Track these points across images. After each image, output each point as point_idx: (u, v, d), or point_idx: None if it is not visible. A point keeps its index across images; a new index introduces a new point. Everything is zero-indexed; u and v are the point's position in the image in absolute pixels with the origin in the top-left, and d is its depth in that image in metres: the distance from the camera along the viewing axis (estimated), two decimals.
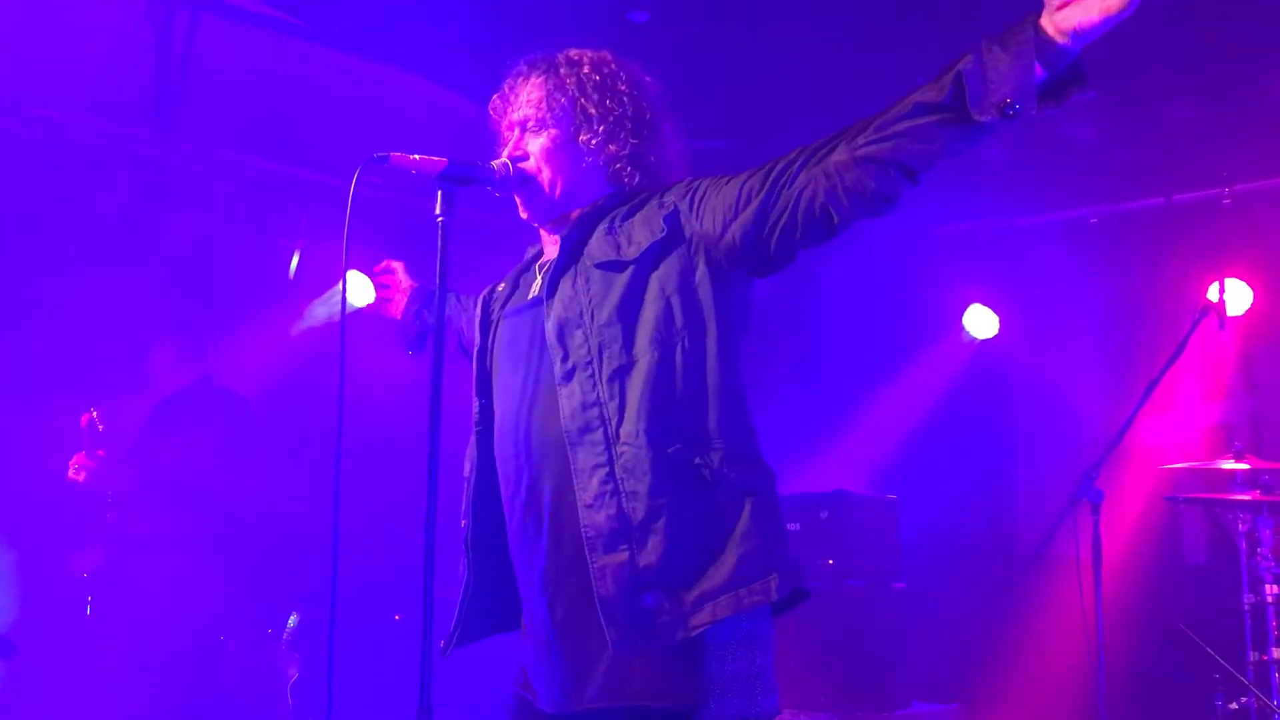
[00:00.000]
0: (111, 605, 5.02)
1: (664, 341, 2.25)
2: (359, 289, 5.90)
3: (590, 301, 2.28)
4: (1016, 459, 6.76)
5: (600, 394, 2.24)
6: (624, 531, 2.19)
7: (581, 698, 2.24)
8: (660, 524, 2.18)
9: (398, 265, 3.20)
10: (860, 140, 2.18)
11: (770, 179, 2.23)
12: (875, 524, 5.66)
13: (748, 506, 2.24)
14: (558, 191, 2.43)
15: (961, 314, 6.79)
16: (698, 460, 2.22)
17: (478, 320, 2.54)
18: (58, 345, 5.62)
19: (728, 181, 2.29)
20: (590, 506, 2.22)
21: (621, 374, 2.23)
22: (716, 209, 2.27)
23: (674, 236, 2.29)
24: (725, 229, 2.25)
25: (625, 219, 2.36)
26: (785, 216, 2.21)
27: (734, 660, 2.21)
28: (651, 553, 2.18)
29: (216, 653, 5.13)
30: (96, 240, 5.59)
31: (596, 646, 2.22)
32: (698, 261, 2.29)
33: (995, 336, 6.77)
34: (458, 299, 3.00)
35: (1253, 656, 4.71)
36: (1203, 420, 6.05)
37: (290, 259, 6.16)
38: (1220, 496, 4.88)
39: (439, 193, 2.30)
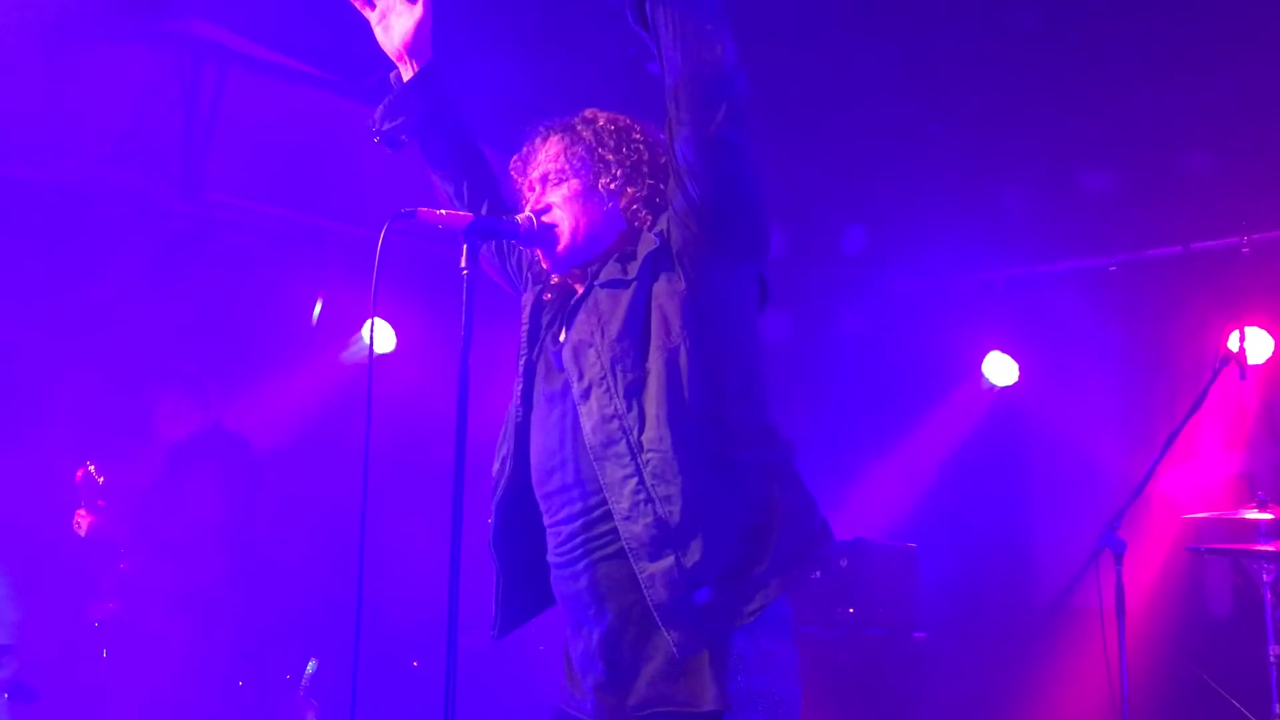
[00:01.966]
0: (128, 654, 5.03)
1: (668, 347, 2.33)
2: (383, 335, 5.94)
3: (600, 320, 2.39)
4: (1036, 507, 6.72)
5: (618, 407, 2.31)
6: (664, 537, 2.26)
7: (624, 709, 2.33)
8: (699, 522, 2.26)
9: None
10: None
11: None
12: (895, 573, 5.63)
13: (774, 485, 2.35)
14: (580, 239, 2.49)
15: (980, 362, 6.79)
16: (720, 451, 2.31)
17: (526, 325, 2.62)
18: (74, 395, 5.66)
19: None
20: (628, 518, 2.29)
21: (637, 385, 2.31)
22: (675, 185, 2.37)
23: (663, 247, 2.40)
24: (683, 195, 2.34)
25: (631, 248, 2.47)
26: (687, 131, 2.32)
27: (757, 676, 2.27)
28: (695, 551, 2.25)
29: (234, 699, 5.12)
30: (123, 291, 5.65)
31: (644, 658, 2.31)
32: (685, 266, 2.37)
33: (1015, 384, 6.76)
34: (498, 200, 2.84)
35: (1278, 710, 4.65)
36: (1225, 470, 6.01)
37: (314, 307, 6.23)
38: (1244, 547, 4.84)
39: (464, 246, 2.35)
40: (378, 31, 2.83)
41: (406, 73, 2.80)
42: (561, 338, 2.50)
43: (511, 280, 2.84)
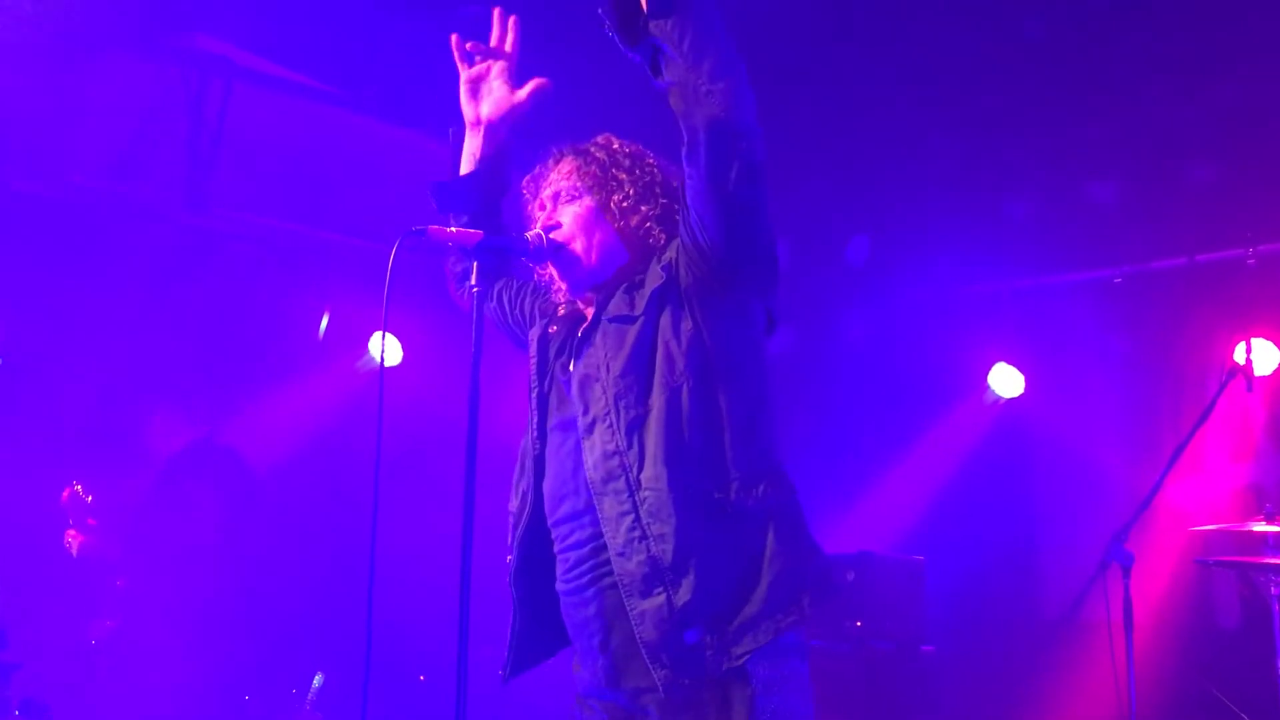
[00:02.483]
0: (127, 672, 5.02)
1: (670, 385, 2.32)
2: (390, 349, 5.94)
3: (606, 355, 2.38)
4: (1043, 519, 6.70)
5: (619, 443, 2.31)
6: (657, 575, 2.26)
7: None
8: (691, 562, 2.25)
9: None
10: None
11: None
12: (901, 586, 5.61)
13: (771, 529, 2.32)
14: (593, 258, 2.48)
15: (986, 374, 6.78)
16: (717, 494, 2.30)
17: (534, 359, 2.60)
18: (83, 411, 5.66)
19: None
20: (621, 554, 2.29)
21: (638, 422, 2.31)
22: (685, 230, 2.37)
23: (671, 282, 2.38)
24: (692, 239, 2.35)
25: (641, 275, 2.45)
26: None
27: (773, 696, 2.27)
28: (686, 591, 2.25)
29: (240, 714, 5.11)
30: (129, 305, 5.66)
31: (646, 687, 2.30)
32: (693, 304, 2.37)
33: (1021, 396, 6.75)
34: (508, 285, 2.87)
35: None
36: (1232, 482, 5.99)
37: (320, 321, 6.23)
38: (1252, 560, 4.82)
39: (474, 264, 2.35)
40: (464, 90, 2.78)
41: (473, 141, 2.75)
42: (571, 368, 2.49)
43: (514, 332, 2.81)
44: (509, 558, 2.53)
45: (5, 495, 5.27)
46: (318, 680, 5.15)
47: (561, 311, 2.61)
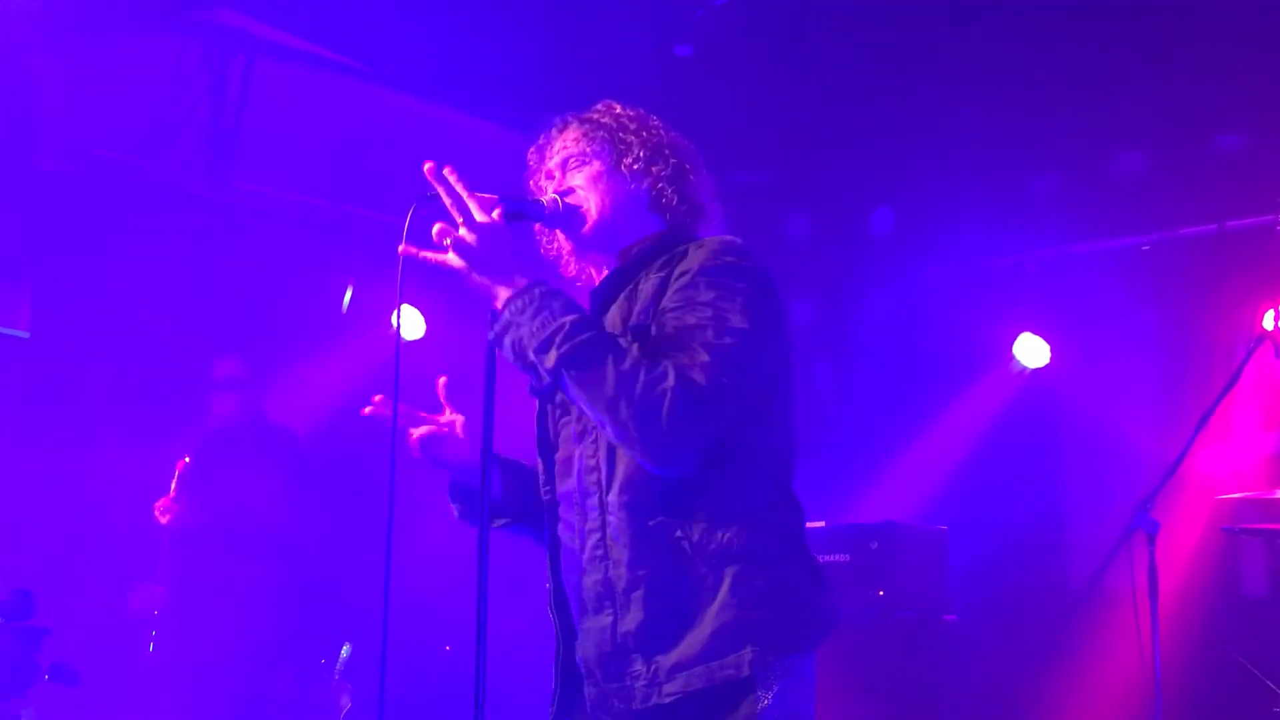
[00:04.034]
0: (172, 640, 5.10)
1: None
2: (412, 322, 5.98)
3: None
4: (1068, 489, 6.67)
5: (599, 459, 2.27)
6: (609, 596, 2.24)
7: None
8: (639, 593, 2.21)
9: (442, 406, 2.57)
10: None
11: None
12: (925, 555, 5.61)
13: (728, 577, 2.19)
14: (607, 219, 2.44)
15: (1011, 344, 6.74)
16: (679, 533, 2.20)
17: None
18: (110, 384, 5.73)
19: (666, 322, 2.23)
20: (584, 571, 2.28)
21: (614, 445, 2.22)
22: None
23: (656, 315, 2.27)
24: None
25: (645, 280, 2.34)
26: None
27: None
28: (631, 620, 2.21)
29: (273, 685, 5.19)
30: (152, 278, 5.71)
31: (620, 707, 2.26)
32: None
33: (1046, 366, 6.71)
34: None
35: None
36: (1260, 449, 5.95)
37: (344, 294, 6.26)
38: (1279, 527, 4.79)
39: None
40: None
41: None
42: None
43: None
44: (547, 585, 2.42)
45: (37, 467, 5.34)
46: (345, 651, 5.21)
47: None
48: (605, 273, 2.48)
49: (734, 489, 2.23)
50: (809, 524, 2.41)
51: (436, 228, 2.17)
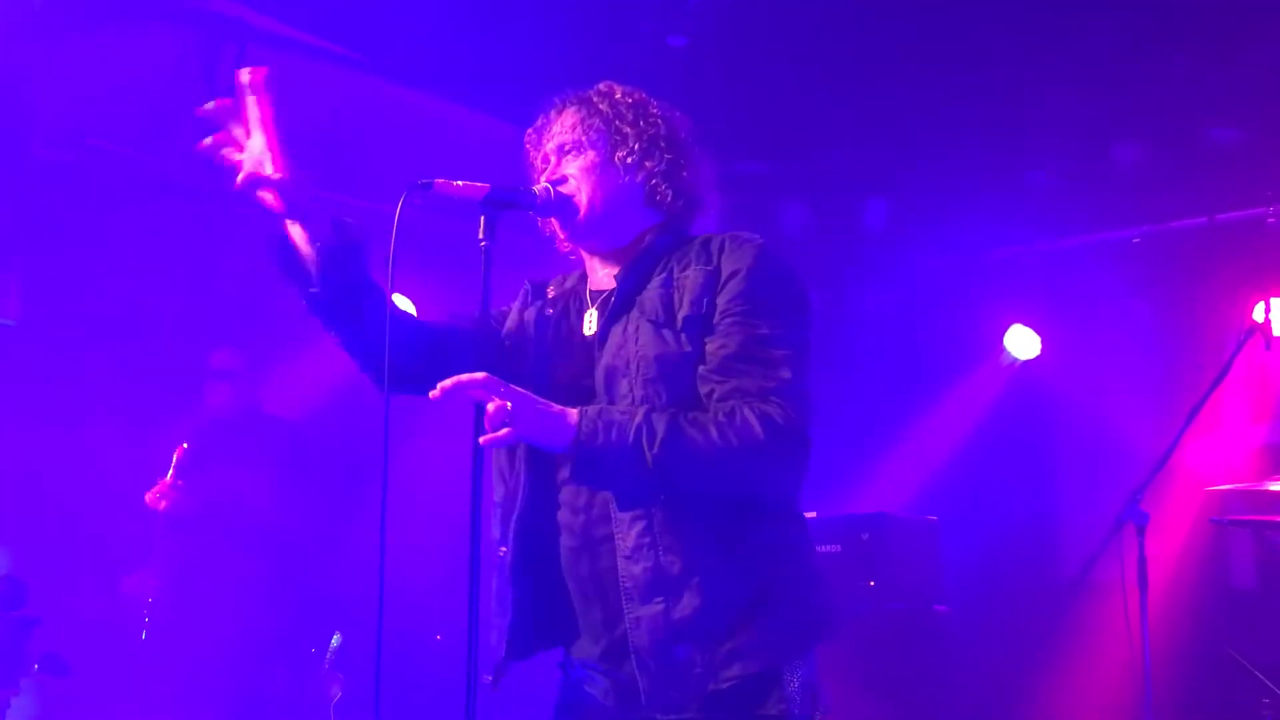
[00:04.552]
0: (165, 629, 5.10)
1: (700, 405, 2.29)
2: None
3: (639, 353, 2.32)
4: (1059, 480, 6.70)
5: None
6: (660, 584, 2.25)
7: None
8: (695, 579, 2.24)
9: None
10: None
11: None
12: (916, 546, 5.63)
13: (780, 563, 2.32)
14: (598, 211, 2.45)
15: (1003, 336, 6.76)
16: (730, 521, 2.28)
17: (532, 343, 2.51)
18: (106, 372, 5.71)
19: (718, 340, 2.32)
20: (629, 558, 2.27)
21: None
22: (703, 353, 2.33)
23: (711, 313, 2.33)
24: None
25: (681, 269, 2.39)
26: None
27: None
28: (686, 606, 2.24)
29: (265, 674, 5.19)
30: (144, 267, 5.69)
31: (632, 695, 2.30)
32: None
33: (1037, 357, 6.73)
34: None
35: None
36: (1249, 441, 5.98)
37: None
38: (1269, 519, 4.81)
39: (482, 218, 2.32)
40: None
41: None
42: (589, 327, 2.44)
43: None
44: (502, 550, 2.43)
45: (27, 456, 5.33)
46: (336, 640, 5.21)
47: (552, 292, 2.55)
48: (598, 255, 2.50)
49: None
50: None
51: (491, 407, 2.15)
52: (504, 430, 2.15)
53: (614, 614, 2.31)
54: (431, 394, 2.16)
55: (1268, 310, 5.42)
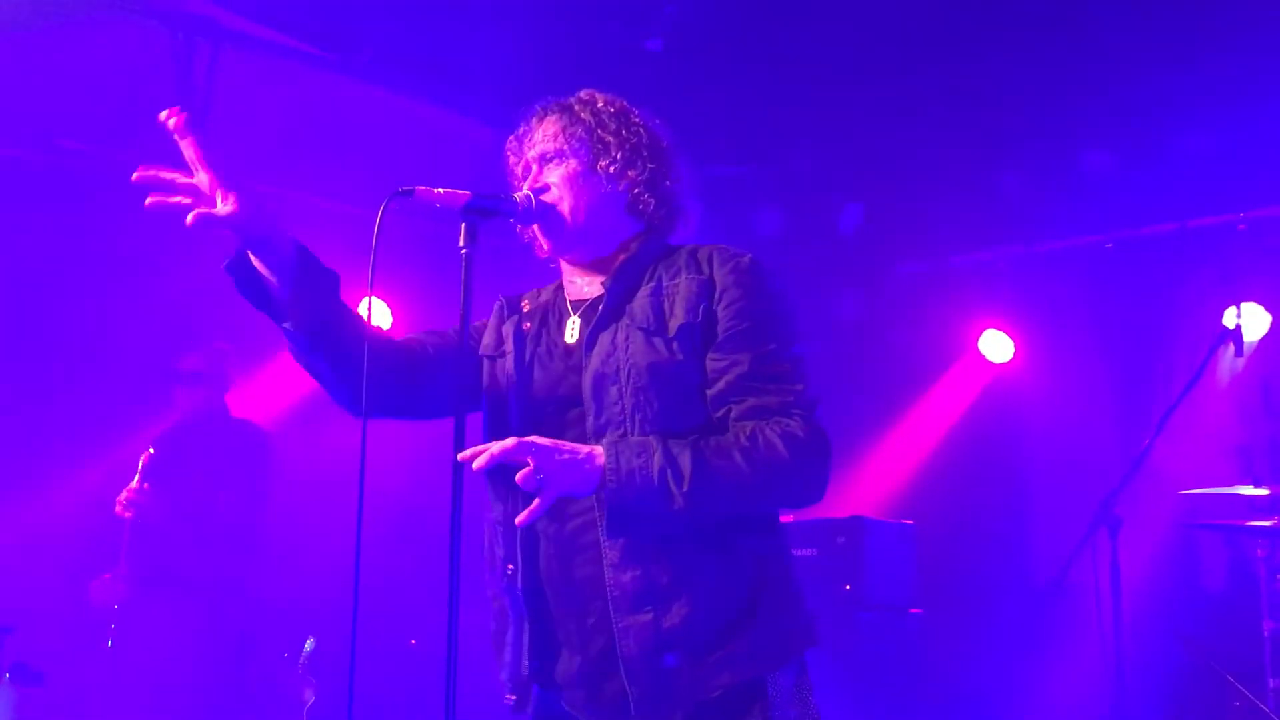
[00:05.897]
0: (134, 634, 5.05)
1: (690, 413, 2.29)
2: (379, 315, 5.95)
3: (630, 360, 2.30)
4: (1032, 484, 6.73)
5: None
6: (649, 593, 2.24)
7: None
8: (684, 588, 2.24)
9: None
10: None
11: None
12: (892, 550, 5.65)
13: (765, 571, 2.32)
14: (580, 219, 2.43)
15: (977, 341, 6.79)
16: (716, 530, 2.28)
17: (510, 356, 2.47)
18: (72, 376, 5.65)
19: (727, 359, 2.32)
20: (616, 566, 2.25)
21: None
22: (706, 365, 2.33)
23: (707, 323, 2.33)
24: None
25: (670, 278, 2.37)
26: None
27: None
28: (675, 615, 2.23)
29: (236, 679, 5.15)
30: (115, 271, 5.63)
31: (619, 706, 2.27)
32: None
33: (1011, 362, 6.76)
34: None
35: (1272, 684, 4.68)
36: (1221, 445, 6.02)
37: None
38: (1239, 523, 4.86)
39: (462, 225, 2.31)
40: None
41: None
42: (571, 335, 2.41)
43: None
44: (509, 568, 2.37)
45: (10, 464, 5.27)
46: (309, 644, 5.17)
47: (527, 306, 2.52)
48: (578, 265, 2.48)
49: None
50: None
51: (520, 476, 2.14)
52: (536, 502, 2.15)
53: (599, 625, 2.28)
54: (474, 466, 2.14)
55: (1239, 316, 5.47)
